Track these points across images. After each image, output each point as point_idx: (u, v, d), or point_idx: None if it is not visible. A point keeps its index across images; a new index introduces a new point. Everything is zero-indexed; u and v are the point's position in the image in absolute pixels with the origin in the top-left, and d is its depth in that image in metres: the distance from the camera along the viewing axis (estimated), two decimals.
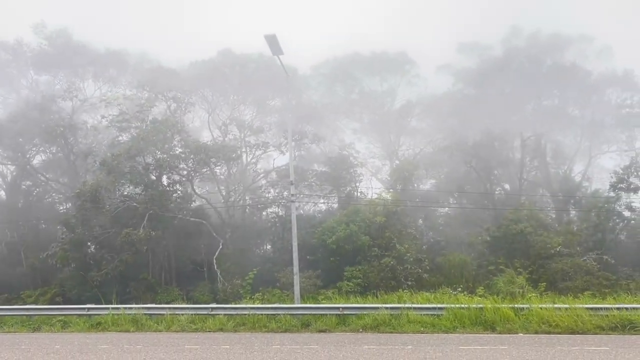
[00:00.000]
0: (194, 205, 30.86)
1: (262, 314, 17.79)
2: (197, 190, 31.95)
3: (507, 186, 38.44)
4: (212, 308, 18.78)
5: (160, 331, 17.27)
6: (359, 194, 33.14)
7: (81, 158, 32.23)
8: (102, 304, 21.64)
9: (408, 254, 26.09)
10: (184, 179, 30.08)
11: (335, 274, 26.20)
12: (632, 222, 30.29)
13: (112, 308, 19.41)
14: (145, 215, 26.81)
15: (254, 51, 37.44)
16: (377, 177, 40.49)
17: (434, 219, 34.14)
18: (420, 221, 34.26)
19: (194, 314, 18.36)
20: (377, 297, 21.32)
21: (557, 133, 37.90)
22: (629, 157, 29.59)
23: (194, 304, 23.17)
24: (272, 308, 18.53)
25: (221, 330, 17.00)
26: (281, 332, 16.51)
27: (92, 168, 30.68)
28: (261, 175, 33.59)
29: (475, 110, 37.24)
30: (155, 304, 23.05)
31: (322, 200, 33.96)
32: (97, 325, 18.40)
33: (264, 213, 33.57)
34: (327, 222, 28.47)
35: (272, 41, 18.48)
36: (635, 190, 28.43)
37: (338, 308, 17.83)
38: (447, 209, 37.18)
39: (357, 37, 68.64)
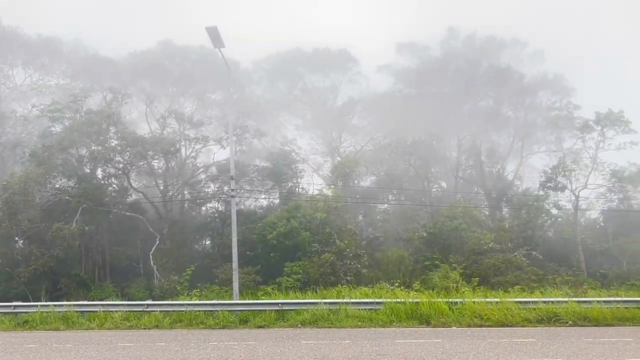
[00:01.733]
0: (130, 199, 30.09)
1: (199, 311, 17.54)
2: (133, 184, 31.13)
3: (443, 184, 39.57)
4: (148, 305, 18.31)
5: (92, 329, 16.71)
6: (300, 190, 33.21)
7: (9, 149, 30.71)
8: (30, 301, 20.73)
9: (348, 250, 26.37)
10: (119, 172, 29.22)
11: (276, 269, 26.17)
12: (559, 219, 31.84)
13: (41, 305, 18.60)
14: (78, 209, 25.91)
15: (195, 43, 36.80)
16: (318, 174, 40.72)
17: (373, 215, 34.66)
18: (360, 217, 34.72)
19: (129, 311, 17.88)
20: (316, 292, 21.40)
21: (492, 133, 39.30)
22: (557, 157, 31.10)
23: (129, 300, 22.48)
24: (210, 304, 18.25)
25: (157, 327, 16.63)
26: (219, 328, 16.33)
27: (21, 159, 29.28)
28: (201, 170, 33.03)
29: (414, 110, 38.06)
30: (88, 301, 22.25)
31: (263, 196, 33.81)
32: (24, 323, 17.63)
33: (204, 208, 33.11)
34: (268, 217, 28.39)
35: (213, 33, 18.17)
36: (562, 190, 29.86)
37: (277, 304, 17.78)
38: (386, 205, 37.83)
39: (300, 33, 68.68)
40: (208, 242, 32.66)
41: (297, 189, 32.90)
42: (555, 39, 71.60)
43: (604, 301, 16.88)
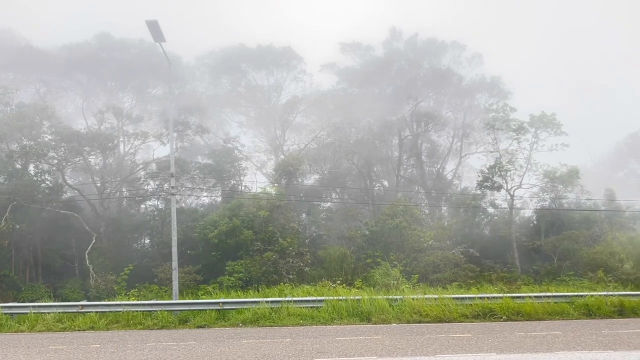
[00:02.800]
0: (64, 196, 28.94)
1: (137, 311, 17.08)
2: (68, 181, 29.97)
3: (385, 183, 40.18)
4: (83, 305, 17.64)
5: (22, 331, 15.93)
6: (243, 187, 32.93)
7: None
8: None
9: (290, 248, 26.34)
10: (53, 169, 28.08)
11: (217, 268, 25.85)
12: (495, 218, 32.93)
13: None
14: (8, 206, 24.69)
15: (135, 36, 35.76)
16: (262, 171, 40.52)
17: (316, 214, 34.75)
18: (304, 215, 34.75)
19: (62, 312, 17.16)
20: (258, 291, 21.36)
21: (432, 133, 40.25)
22: (494, 157, 32.06)
23: (62, 301, 21.64)
24: (148, 304, 17.78)
25: (92, 328, 16.05)
26: (158, 329, 15.94)
27: None
28: (140, 167, 32.14)
29: (358, 109, 38.47)
30: (19, 302, 21.28)
31: (204, 194, 33.34)
32: None
33: (143, 206, 32.23)
34: (210, 216, 27.99)
35: (154, 27, 17.71)
36: (498, 189, 30.87)
37: (218, 303, 17.55)
38: (329, 203, 38.04)
39: (244, 29, 68.09)
40: (147, 241, 31.86)
41: (239, 187, 32.62)
42: (493, 44, 74.34)
43: (536, 297, 17.63)
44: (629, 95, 75.17)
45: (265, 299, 17.53)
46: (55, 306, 17.86)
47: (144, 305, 17.71)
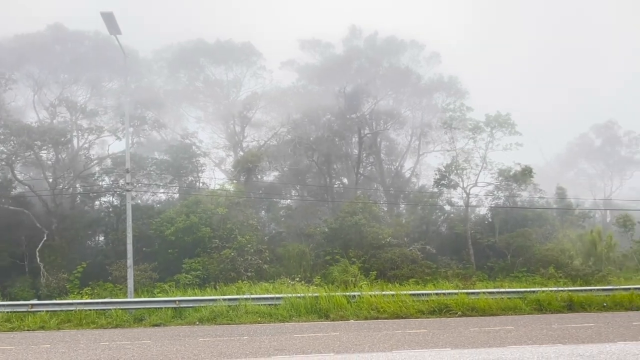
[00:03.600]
0: (14, 192, 27.92)
1: (90, 310, 16.73)
2: (18, 176, 28.93)
3: (345, 180, 40.36)
4: (33, 304, 17.11)
5: None
6: (201, 184, 32.51)
7: None
8: None
9: (249, 245, 26.15)
10: (2, 163, 27.04)
11: (174, 266, 25.44)
12: (452, 215, 33.54)
13: None
14: None
15: (90, 28, 34.75)
16: (220, 168, 40.01)
17: (276, 211, 34.63)
18: (263, 213, 34.59)
19: (10, 312, 16.63)
20: (216, 289, 21.15)
21: (391, 132, 40.69)
22: (451, 156, 32.64)
23: (11, 300, 20.88)
24: (102, 303, 17.40)
25: (43, 328, 15.59)
26: (112, 328, 15.62)
27: None
28: (94, 162, 31.22)
29: (318, 106, 38.52)
30: None
31: (161, 190, 32.70)
32: None
33: (97, 202, 31.33)
34: (166, 212, 27.53)
35: (109, 19, 17.32)
36: (454, 187, 31.47)
37: (174, 301, 17.37)
38: (289, 200, 37.97)
39: (203, 22, 67.15)
40: (102, 238, 31.02)
41: (197, 184, 32.18)
42: (451, 44, 75.69)
43: (490, 292, 18.10)
44: (583, 95, 78.02)
45: (222, 297, 17.44)
46: (3, 305, 17.25)
47: (97, 303, 17.36)
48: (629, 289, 18.60)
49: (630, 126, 54.55)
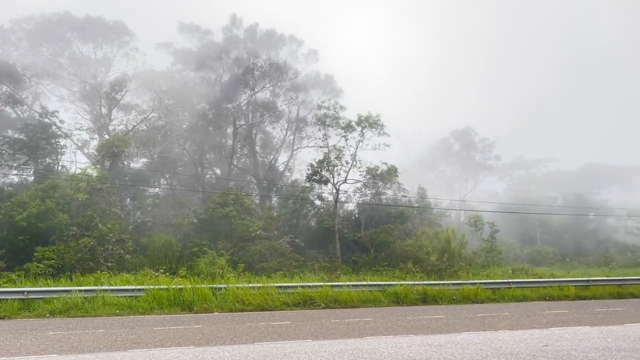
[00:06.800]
0: None
1: None
2: None
3: (218, 171, 39.71)
4: None
5: None
6: (60, 167, 30.22)
7: None
8: None
9: (111, 234, 24.77)
10: None
11: (24, 254, 23.49)
12: (321, 210, 34.28)
13: None
14: None
15: None
16: (83, 151, 37.21)
17: (142, 199, 33.15)
18: (128, 200, 32.98)
19: None
20: (71, 279, 19.85)
21: (267, 125, 40.69)
22: (323, 153, 33.31)
23: None
24: None
25: None
26: None
27: None
28: None
29: (192, 93, 37.43)
30: None
31: (14, 172, 29.90)
32: None
33: None
34: (19, 196, 25.26)
35: None
36: (325, 182, 32.20)
37: (22, 292, 16.00)
38: (157, 189, 36.53)
39: None
40: None
41: (56, 166, 29.88)
42: (329, 43, 77.47)
43: (353, 285, 18.76)
44: (454, 100, 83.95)
45: (78, 288, 16.42)
46: None
47: None
48: (475, 283, 20.26)
49: (485, 133, 59.70)
